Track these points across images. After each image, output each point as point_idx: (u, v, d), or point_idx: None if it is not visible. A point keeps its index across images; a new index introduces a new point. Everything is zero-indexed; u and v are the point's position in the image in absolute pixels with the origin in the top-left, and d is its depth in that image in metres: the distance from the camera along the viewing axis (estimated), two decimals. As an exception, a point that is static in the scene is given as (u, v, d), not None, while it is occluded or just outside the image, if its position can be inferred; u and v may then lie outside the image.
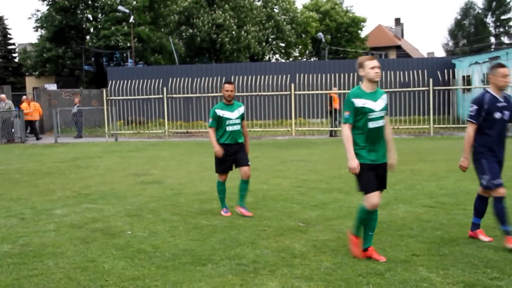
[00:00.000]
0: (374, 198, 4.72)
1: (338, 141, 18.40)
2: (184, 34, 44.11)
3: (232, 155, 6.84)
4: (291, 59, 49.36)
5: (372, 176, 4.73)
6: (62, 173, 11.54)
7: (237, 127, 6.88)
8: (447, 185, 8.55)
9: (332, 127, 20.67)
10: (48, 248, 5.55)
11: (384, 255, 4.96)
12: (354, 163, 4.69)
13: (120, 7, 35.28)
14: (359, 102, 4.70)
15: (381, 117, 4.78)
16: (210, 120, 6.87)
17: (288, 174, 10.33)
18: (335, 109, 20.32)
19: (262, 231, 6.02)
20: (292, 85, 21.51)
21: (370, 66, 4.71)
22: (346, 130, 4.75)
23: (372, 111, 4.71)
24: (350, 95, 4.75)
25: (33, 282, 4.55)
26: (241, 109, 6.99)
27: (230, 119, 6.83)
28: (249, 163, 6.89)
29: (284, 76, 24.19)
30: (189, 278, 4.52)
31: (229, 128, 6.82)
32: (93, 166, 12.58)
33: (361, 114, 4.71)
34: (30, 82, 41.25)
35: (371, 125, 4.72)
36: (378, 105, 4.75)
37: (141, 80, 24.24)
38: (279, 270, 4.68)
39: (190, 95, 23.15)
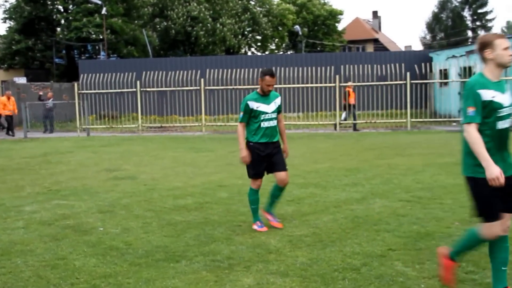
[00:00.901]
0: (497, 228, 3.61)
1: (316, 135, 18.46)
2: (158, 26, 43.51)
3: (266, 157, 5.76)
4: (267, 52, 49.28)
5: (497, 197, 3.57)
6: (32, 168, 11.27)
7: (274, 123, 5.79)
8: (424, 179, 8.60)
9: (345, 120, 20.55)
10: (16, 245, 5.41)
11: (361, 250, 4.96)
12: (496, 171, 3.44)
13: (92, -2, 34.64)
14: (487, 95, 3.55)
15: (510, 115, 3.67)
16: (241, 113, 5.79)
17: (264, 168, 10.26)
18: (349, 104, 20.16)
19: (237, 227, 5.96)
20: (268, 78, 21.39)
21: (503, 47, 3.55)
22: (473, 132, 3.53)
23: (501, 106, 3.59)
24: (474, 85, 3.57)
25: (1, 280, 4.42)
26: (278, 101, 5.90)
27: (266, 113, 5.73)
28: (286, 167, 5.85)
29: (261, 69, 24.05)
30: (162, 275, 4.44)
31: (264, 124, 5.72)
32: (64, 162, 12.31)
33: (487, 111, 3.57)
34: (-2, 75, 40.17)
35: (500, 125, 3.60)
36: (507, 98, 3.66)
37: (114, 73, 23.81)
38: (254, 266, 4.63)
39: (164, 88, 22.89)
